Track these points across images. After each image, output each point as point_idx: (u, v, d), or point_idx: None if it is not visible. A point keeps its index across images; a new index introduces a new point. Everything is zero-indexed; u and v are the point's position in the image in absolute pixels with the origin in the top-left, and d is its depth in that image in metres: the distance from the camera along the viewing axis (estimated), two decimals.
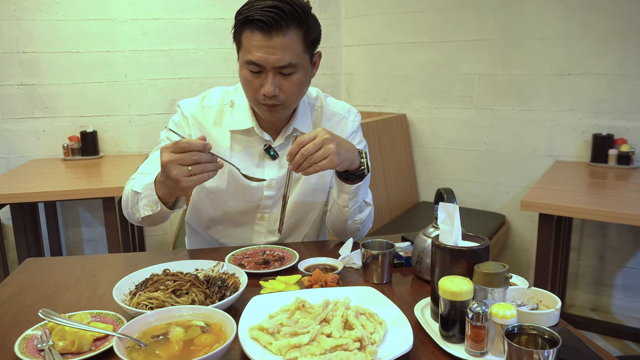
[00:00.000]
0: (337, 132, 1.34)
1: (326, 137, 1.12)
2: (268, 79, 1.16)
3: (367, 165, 1.22)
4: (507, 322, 0.77)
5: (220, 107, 1.33)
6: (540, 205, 1.98)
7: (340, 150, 1.13)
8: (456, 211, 0.90)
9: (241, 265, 1.17)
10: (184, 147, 1.04)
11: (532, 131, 2.73)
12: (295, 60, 1.16)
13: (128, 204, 1.25)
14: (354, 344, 0.80)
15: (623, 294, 2.66)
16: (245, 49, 1.16)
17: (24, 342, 0.84)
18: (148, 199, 1.18)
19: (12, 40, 2.72)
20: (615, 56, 2.47)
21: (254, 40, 1.13)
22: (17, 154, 2.84)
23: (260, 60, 1.14)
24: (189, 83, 2.95)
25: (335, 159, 1.11)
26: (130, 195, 1.24)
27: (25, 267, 1.23)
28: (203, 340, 0.79)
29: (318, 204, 1.40)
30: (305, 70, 1.21)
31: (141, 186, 1.21)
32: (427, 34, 2.96)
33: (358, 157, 1.20)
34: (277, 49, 1.13)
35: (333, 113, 1.38)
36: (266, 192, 1.34)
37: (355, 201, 1.27)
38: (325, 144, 1.11)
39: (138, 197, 1.21)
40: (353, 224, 1.32)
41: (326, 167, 1.12)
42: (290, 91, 1.19)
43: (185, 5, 2.88)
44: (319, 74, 1.20)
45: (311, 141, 1.11)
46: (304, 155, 1.10)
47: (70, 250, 3.04)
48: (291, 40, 1.14)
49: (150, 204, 1.18)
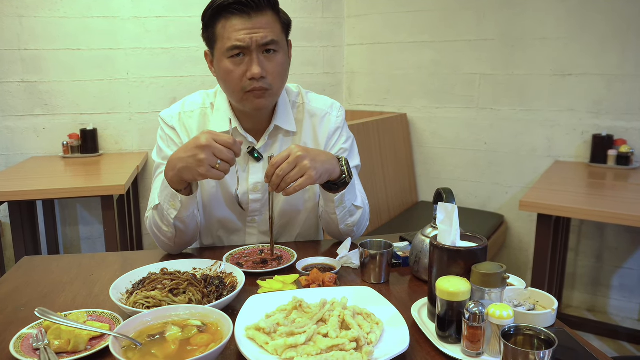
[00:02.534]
0: (320, 129, 1.34)
1: (299, 155, 1.10)
2: (253, 60, 1.15)
3: (347, 172, 1.20)
4: (503, 322, 0.77)
5: (202, 110, 1.32)
6: (539, 205, 1.98)
7: (316, 165, 1.11)
8: (455, 211, 0.90)
9: (239, 264, 1.17)
10: (229, 143, 1.06)
11: (532, 131, 2.73)
12: (278, 38, 1.17)
13: (157, 226, 1.22)
14: (350, 344, 0.80)
15: (620, 294, 2.66)
16: (225, 38, 1.15)
17: (19, 341, 0.84)
18: (168, 201, 1.17)
19: (14, 37, 2.71)
20: (615, 57, 2.47)
21: (233, 26, 1.13)
22: (16, 152, 2.84)
23: (244, 41, 1.13)
24: (190, 81, 2.95)
25: (312, 174, 1.10)
26: (153, 216, 1.22)
27: (22, 265, 1.23)
28: (199, 339, 0.79)
29: (308, 204, 1.38)
30: (285, 52, 1.21)
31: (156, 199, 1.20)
32: (429, 34, 2.96)
33: (337, 165, 1.18)
34: (260, 27, 1.13)
35: (315, 110, 1.35)
36: (252, 196, 1.32)
37: (342, 207, 1.25)
38: (299, 161, 1.09)
39: (160, 208, 1.19)
40: (346, 227, 1.31)
41: (305, 185, 1.10)
42: (276, 72, 1.18)
43: (187, 4, 2.88)
44: (320, 73, 1.20)
45: (285, 161, 1.10)
46: (280, 176, 1.09)
47: (67, 249, 3.04)
48: (271, 20, 1.16)
49: (171, 203, 1.16)
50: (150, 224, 1.25)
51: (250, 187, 1.31)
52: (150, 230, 1.26)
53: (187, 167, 1.08)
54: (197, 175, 1.09)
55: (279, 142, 1.32)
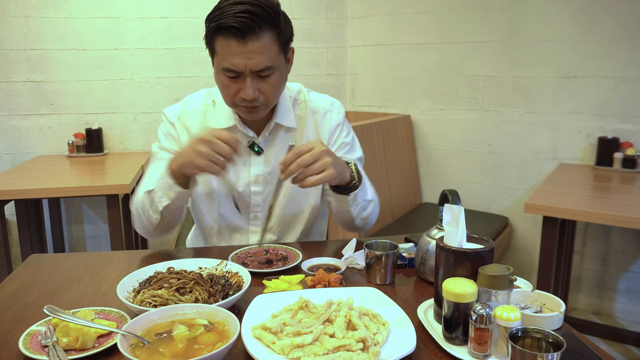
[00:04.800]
0: (322, 125, 1.37)
1: (323, 150, 1.11)
2: (247, 83, 1.15)
3: (357, 176, 1.22)
4: (511, 324, 0.77)
5: (203, 108, 1.35)
6: (544, 207, 1.98)
7: (336, 164, 1.13)
8: (461, 213, 0.90)
9: (244, 264, 1.17)
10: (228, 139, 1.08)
11: (537, 133, 2.73)
12: (272, 62, 1.15)
13: (144, 210, 1.25)
14: (357, 345, 0.80)
15: (626, 298, 2.65)
16: (221, 56, 1.15)
17: (28, 338, 0.85)
18: (163, 189, 1.20)
19: (20, 37, 2.73)
20: (621, 59, 2.46)
21: (229, 47, 1.12)
22: (22, 150, 2.85)
23: (238, 66, 1.13)
24: (194, 81, 2.96)
25: (332, 171, 1.11)
26: (143, 199, 1.25)
27: (30, 263, 1.24)
28: (206, 338, 0.80)
29: (310, 200, 1.40)
30: (281, 70, 1.21)
31: (151, 184, 1.23)
32: (433, 35, 2.95)
33: (348, 170, 1.21)
34: (254, 53, 1.12)
35: (317, 107, 1.38)
36: (254, 188, 1.34)
37: (356, 205, 1.28)
38: (322, 156, 1.10)
39: (152, 194, 1.23)
40: (361, 221, 1.34)
41: (324, 180, 1.11)
42: (270, 92, 1.19)
43: (192, 4, 2.89)
44: (323, 74, 1.20)
45: (308, 152, 1.10)
46: (300, 166, 1.09)
47: (72, 247, 3.05)
48: (266, 43, 1.13)
49: (166, 192, 1.20)
50: (136, 206, 1.28)
51: (251, 179, 1.33)
52: (135, 212, 1.29)
53: (187, 160, 1.11)
54: (194, 168, 1.11)
55: (280, 138, 1.35)
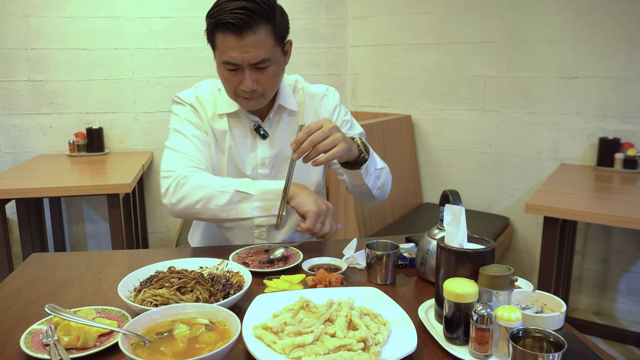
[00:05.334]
0: (321, 108, 1.43)
1: (333, 126, 1.16)
2: (245, 75, 1.21)
3: (365, 149, 1.26)
4: (511, 325, 0.77)
5: (212, 95, 1.40)
6: (545, 208, 1.98)
7: (346, 139, 1.18)
8: (462, 213, 0.90)
9: (245, 263, 1.18)
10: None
11: (538, 134, 2.73)
12: (268, 55, 1.21)
13: (212, 200, 1.22)
14: (357, 345, 0.80)
15: (627, 298, 2.65)
16: (220, 50, 1.22)
17: (29, 337, 0.85)
18: (266, 202, 1.23)
19: (21, 36, 2.73)
20: (622, 59, 2.46)
21: (227, 42, 1.19)
22: (23, 150, 2.85)
23: (236, 59, 1.19)
24: (195, 81, 2.88)
25: (344, 146, 1.15)
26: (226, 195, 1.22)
27: (31, 262, 1.24)
28: (207, 338, 0.80)
29: (312, 179, 1.43)
30: (278, 61, 1.26)
31: (250, 187, 1.24)
32: (433, 36, 2.95)
33: (355, 145, 1.24)
34: (250, 47, 1.18)
35: (314, 92, 1.44)
36: (260, 171, 1.38)
37: (369, 176, 1.32)
38: (332, 132, 1.15)
39: (246, 197, 1.23)
40: (377, 190, 1.39)
41: (336, 156, 1.14)
42: (267, 83, 1.25)
43: (192, 4, 2.89)
44: (324, 74, 1.21)
45: (319, 129, 1.14)
46: (313, 142, 1.13)
47: (73, 246, 3.05)
48: (262, 37, 1.19)
49: (267, 206, 1.23)
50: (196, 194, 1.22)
51: (258, 162, 1.37)
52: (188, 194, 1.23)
53: (312, 210, 1.20)
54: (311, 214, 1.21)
55: (284, 121, 1.39)
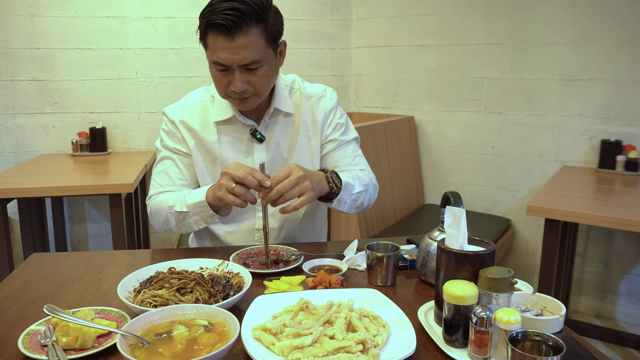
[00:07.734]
0: (317, 109, 1.42)
1: (301, 175, 1.15)
2: (235, 76, 1.21)
3: (335, 186, 1.25)
4: (511, 327, 0.77)
5: (202, 104, 1.40)
6: (547, 210, 1.97)
7: (314, 185, 1.17)
8: (463, 215, 0.90)
9: (245, 264, 1.17)
10: (246, 171, 1.13)
11: (540, 136, 2.72)
12: (259, 56, 1.20)
13: (169, 221, 1.32)
14: (356, 347, 0.80)
15: (627, 301, 2.64)
16: (211, 50, 1.21)
17: (27, 337, 0.85)
18: (200, 214, 1.27)
19: (26, 36, 2.74)
20: (625, 62, 2.46)
21: (217, 43, 1.18)
22: (26, 149, 2.86)
23: (226, 60, 1.19)
24: (199, 81, 2.96)
25: (312, 194, 1.16)
26: (172, 215, 1.30)
27: (31, 262, 1.24)
28: (206, 339, 0.80)
29: None
30: (270, 63, 1.25)
31: (183, 205, 1.28)
32: (437, 37, 2.95)
33: (326, 183, 1.24)
34: (240, 48, 1.17)
35: (311, 93, 1.43)
36: None
37: (344, 204, 1.31)
38: (300, 181, 1.15)
39: (185, 215, 1.28)
40: (356, 209, 1.38)
41: (304, 204, 1.16)
42: (258, 84, 1.24)
43: (197, 4, 2.86)
44: (328, 75, 1.21)
45: (286, 178, 1.14)
46: (280, 192, 1.13)
47: (75, 246, 3.06)
48: (252, 39, 1.18)
49: (204, 218, 1.27)
50: (157, 215, 1.34)
51: (256, 166, 1.37)
52: (155, 218, 1.35)
53: (222, 197, 1.17)
54: (217, 200, 1.19)
55: (279, 124, 1.39)
